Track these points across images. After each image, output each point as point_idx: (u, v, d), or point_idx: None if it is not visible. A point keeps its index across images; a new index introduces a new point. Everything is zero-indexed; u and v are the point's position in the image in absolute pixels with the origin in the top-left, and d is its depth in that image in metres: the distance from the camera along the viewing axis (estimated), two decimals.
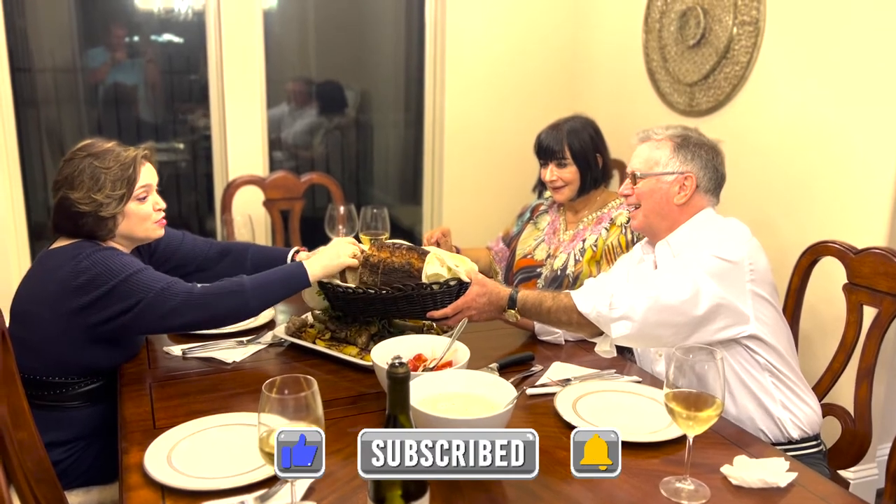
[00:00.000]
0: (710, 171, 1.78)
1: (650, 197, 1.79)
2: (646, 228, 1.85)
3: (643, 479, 1.30)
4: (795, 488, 1.28)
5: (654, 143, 1.82)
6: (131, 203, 1.71)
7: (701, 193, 1.78)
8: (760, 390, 1.70)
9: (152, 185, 1.78)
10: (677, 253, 1.75)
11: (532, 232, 2.45)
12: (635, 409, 1.55)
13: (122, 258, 1.65)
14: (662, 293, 1.63)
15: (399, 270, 1.76)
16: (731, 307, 1.64)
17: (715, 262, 1.64)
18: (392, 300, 1.74)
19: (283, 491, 1.20)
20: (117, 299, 1.60)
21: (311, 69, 3.84)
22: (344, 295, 1.77)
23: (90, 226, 1.68)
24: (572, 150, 2.25)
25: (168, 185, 3.69)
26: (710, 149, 1.80)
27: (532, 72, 3.73)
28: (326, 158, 3.91)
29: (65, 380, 1.70)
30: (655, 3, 3.23)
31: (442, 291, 1.74)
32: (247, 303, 1.65)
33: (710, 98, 2.96)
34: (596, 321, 1.68)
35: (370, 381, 1.65)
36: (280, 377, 1.11)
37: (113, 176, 1.67)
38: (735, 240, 1.69)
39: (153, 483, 1.24)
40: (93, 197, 1.65)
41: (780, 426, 1.71)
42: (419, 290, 1.72)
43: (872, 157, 2.32)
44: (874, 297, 1.83)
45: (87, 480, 1.73)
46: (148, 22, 3.40)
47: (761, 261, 1.70)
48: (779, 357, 1.71)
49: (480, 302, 1.77)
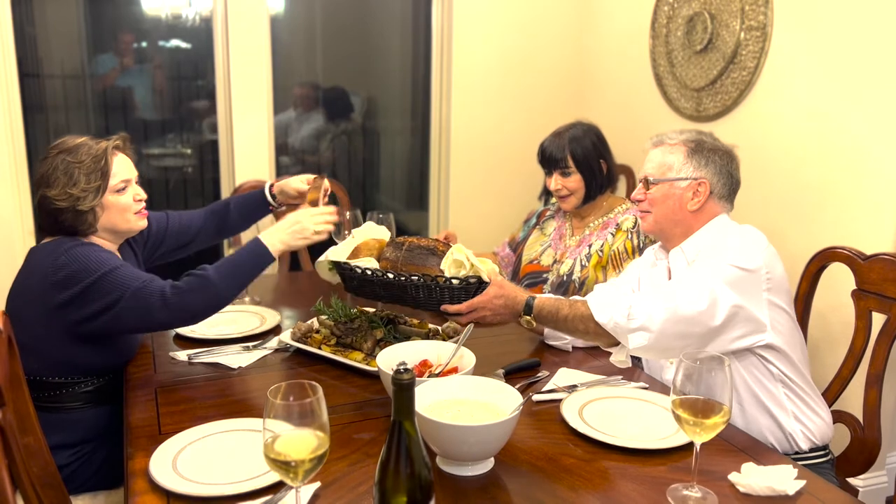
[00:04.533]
0: (725, 176, 1.75)
1: (663, 203, 1.77)
2: (657, 233, 1.83)
3: (650, 486, 1.29)
4: (804, 496, 1.27)
5: (667, 147, 1.80)
6: (109, 195, 1.71)
7: (715, 199, 1.76)
8: (772, 402, 1.68)
9: (131, 178, 1.77)
10: (692, 260, 1.73)
11: (538, 237, 2.45)
12: (642, 415, 1.54)
13: (99, 254, 1.65)
14: (680, 304, 1.60)
15: (424, 248, 1.74)
16: (748, 316, 1.61)
17: (732, 271, 1.61)
18: (408, 287, 1.70)
19: (289, 497, 1.20)
20: (95, 296, 1.60)
21: (318, 75, 3.85)
22: (360, 276, 1.74)
23: (70, 221, 1.69)
24: (575, 158, 2.24)
25: (175, 190, 3.71)
26: (724, 154, 1.76)
27: (538, 78, 3.73)
28: (333, 164, 3.92)
29: (62, 379, 1.71)
30: (662, 9, 3.23)
31: (459, 287, 1.72)
32: (219, 294, 1.64)
33: (717, 103, 2.95)
34: (613, 331, 1.65)
35: (375, 387, 1.65)
36: (285, 383, 1.10)
37: (86, 169, 1.68)
38: (752, 248, 1.66)
39: (158, 489, 1.24)
40: (69, 192, 1.66)
41: (790, 439, 1.69)
42: (436, 281, 1.71)
43: (880, 163, 2.31)
44: (883, 304, 1.82)
45: (93, 485, 1.73)
46: (156, 28, 3.42)
47: (778, 269, 1.68)
48: (792, 367, 1.68)
49: (496, 304, 1.75)
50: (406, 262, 1.76)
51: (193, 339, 1.92)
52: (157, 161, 3.62)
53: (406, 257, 1.76)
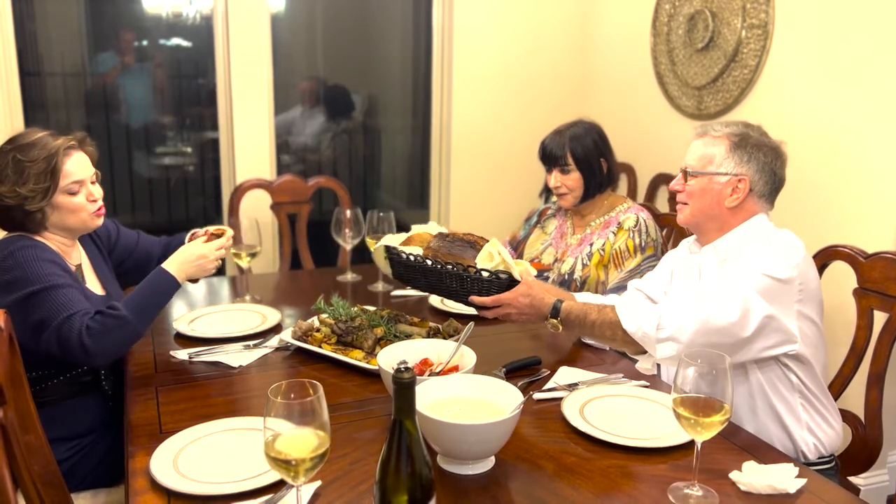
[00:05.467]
0: (767, 174, 1.68)
1: (700, 197, 1.70)
2: (692, 226, 1.77)
3: (651, 484, 1.29)
4: (805, 494, 1.27)
5: (710, 139, 1.71)
6: (60, 196, 1.69)
7: (754, 198, 1.69)
8: (787, 411, 1.65)
9: (85, 179, 1.74)
10: (724, 259, 1.68)
11: (539, 236, 2.45)
12: (643, 413, 1.54)
13: (42, 266, 1.62)
14: (712, 315, 1.55)
15: (464, 241, 1.82)
16: (779, 326, 1.57)
17: (764, 281, 1.55)
18: (444, 275, 1.79)
19: (290, 496, 1.20)
20: (33, 308, 1.58)
21: (319, 73, 3.85)
22: (405, 261, 1.88)
23: (20, 219, 1.69)
24: (575, 156, 2.24)
25: (176, 188, 3.71)
26: (769, 150, 1.69)
27: (539, 75, 3.73)
28: (334, 162, 3.92)
29: (33, 374, 1.67)
30: (663, 7, 3.23)
31: (489, 280, 1.74)
32: (135, 329, 1.63)
33: (718, 102, 2.95)
34: (641, 340, 1.62)
35: (376, 386, 1.65)
36: (286, 382, 1.10)
37: (37, 169, 1.65)
38: (786, 256, 1.59)
39: (159, 488, 1.24)
40: (17, 191, 1.64)
41: (799, 450, 1.67)
42: (468, 271, 1.75)
43: (882, 161, 2.31)
44: (885, 302, 1.81)
45: (93, 482, 1.73)
46: (156, 26, 3.42)
47: (812, 279, 1.62)
48: (813, 378, 1.65)
49: (522, 302, 1.73)
50: (445, 253, 1.83)
51: (194, 338, 1.92)
52: (158, 159, 3.62)
53: (447, 247, 1.83)
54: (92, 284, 1.84)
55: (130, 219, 3.58)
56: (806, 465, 1.63)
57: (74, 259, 1.81)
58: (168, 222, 3.73)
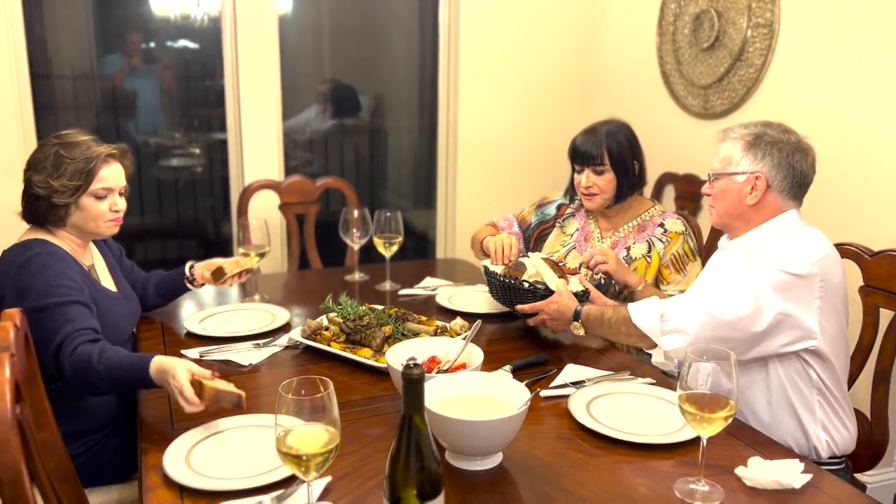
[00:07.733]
0: (785, 169, 1.68)
1: (724, 197, 1.74)
2: (722, 227, 1.81)
3: (657, 480, 1.30)
4: (810, 490, 1.28)
5: (730, 141, 1.75)
6: (87, 198, 1.73)
7: (774, 193, 1.69)
8: (804, 408, 1.66)
9: (115, 188, 1.78)
10: (751, 253, 1.70)
11: (558, 236, 2.37)
12: (649, 410, 1.55)
13: (59, 278, 1.64)
14: (720, 309, 1.58)
15: (522, 265, 2.07)
16: (796, 323, 1.58)
17: (779, 276, 1.57)
18: (509, 289, 2.01)
19: (301, 491, 1.21)
20: (47, 319, 1.59)
21: (326, 74, 3.86)
22: (490, 278, 2.09)
23: (43, 211, 1.72)
24: (611, 155, 2.16)
25: (184, 189, 3.74)
26: (785, 146, 1.68)
27: (545, 75, 3.74)
28: (341, 162, 3.94)
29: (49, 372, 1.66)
30: (669, 6, 3.23)
31: (527, 290, 1.95)
32: (96, 385, 1.56)
33: (724, 101, 2.95)
34: (649, 333, 1.65)
35: (384, 384, 1.67)
36: (297, 378, 1.12)
37: (75, 167, 1.70)
38: (806, 253, 1.60)
39: (172, 483, 1.26)
40: (50, 182, 1.68)
41: (812, 448, 1.67)
42: (511, 283, 1.99)
43: (887, 159, 2.31)
44: (891, 300, 1.82)
45: (107, 478, 1.75)
46: (164, 28, 3.44)
47: (835, 275, 1.62)
48: (832, 376, 1.66)
49: (552, 309, 1.86)
50: (511, 269, 2.06)
51: (205, 337, 1.95)
52: (166, 161, 3.65)
53: (514, 265, 2.08)
54: (106, 282, 1.87)
55: (140, 220, 3.60)
56: (816, 463, 1.63)
57: (87, 260, 1.84)
58: (177, 223, 3.76)
